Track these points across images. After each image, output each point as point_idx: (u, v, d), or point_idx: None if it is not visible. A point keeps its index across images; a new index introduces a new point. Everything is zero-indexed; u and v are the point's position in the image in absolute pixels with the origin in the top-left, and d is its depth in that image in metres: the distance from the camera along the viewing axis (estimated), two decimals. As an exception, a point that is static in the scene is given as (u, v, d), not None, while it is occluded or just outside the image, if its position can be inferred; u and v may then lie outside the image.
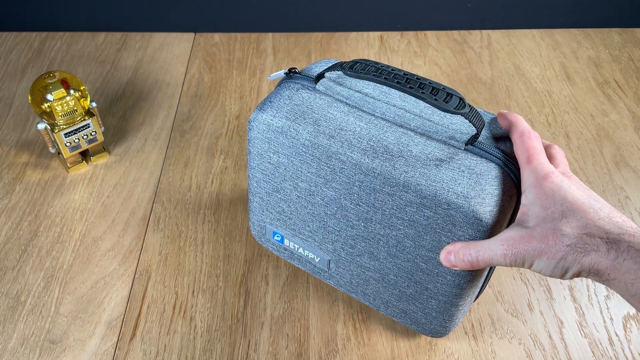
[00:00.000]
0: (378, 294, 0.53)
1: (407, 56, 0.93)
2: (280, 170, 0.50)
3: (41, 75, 0.68)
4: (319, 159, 0.47)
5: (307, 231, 0.53)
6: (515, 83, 0.88)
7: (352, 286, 0.55)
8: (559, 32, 0.99)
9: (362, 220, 0.48)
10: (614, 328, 0.58)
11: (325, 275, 0.56)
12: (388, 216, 0.46)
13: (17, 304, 0.59)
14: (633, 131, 0.80)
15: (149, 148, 0.76)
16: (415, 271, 0.48)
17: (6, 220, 0.67)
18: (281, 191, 0.52)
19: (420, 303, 0.50)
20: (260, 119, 0.48)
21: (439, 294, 0.48)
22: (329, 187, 0.48)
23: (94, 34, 0.96)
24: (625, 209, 0.70)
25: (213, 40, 0.95)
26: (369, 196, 0.46)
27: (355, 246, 0.50)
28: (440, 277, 0.47)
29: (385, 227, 0.47)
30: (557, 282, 0.62)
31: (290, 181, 0.50)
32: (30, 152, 0.75)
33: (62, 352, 0.55)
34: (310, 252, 0.55)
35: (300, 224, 0.53)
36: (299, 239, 0.54)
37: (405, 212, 0.45)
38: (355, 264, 0.52)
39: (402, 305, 0.52)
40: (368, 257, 0.50)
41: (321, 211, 0.50)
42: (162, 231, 0.66)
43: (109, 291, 0.60)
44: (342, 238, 0.51)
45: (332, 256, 0.53)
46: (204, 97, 0.85)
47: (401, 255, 0.48)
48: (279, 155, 0.49)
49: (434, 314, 0.51)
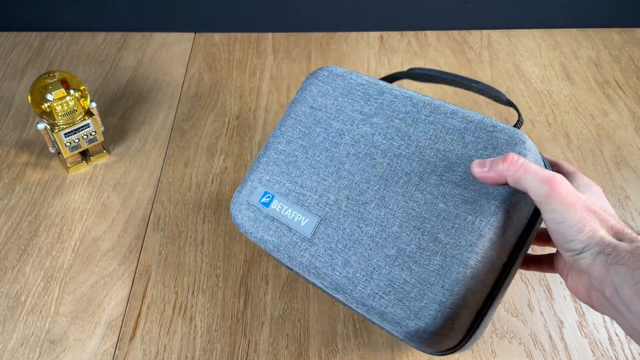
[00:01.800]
0: (365, 260, 0.44)
1: (407, 56, 0.93)
2: (317, 113, 0.53)
3: (41, 75, 0.68)
4: (370, 94, 0.51)
5: (312, 180, 0.50)
6: (515, 83, 0.88)
7: (332, 255, 0.46)
8: (559, 32, 0.99)
9: (388, 157, 0.47)
10: (614, 328, 0.58)
11: (301, 247, 0.47)
12: (422, 148, 0.46)
13: (17, 304, 0.59)
14: (633, 131, 0.80)
15: (149, 148, 0.76)
16: (429, 216, 0.43)
17: (6, 220, 0.67)
18: (306, 136, 0.52)
19: (419, 264, 0.42)
20: (331, 69, 0.54)
21: (448, 245, 0.42)
22: (366, 123, 0.50)
23: (94, 34, 0.96)
24: (625, 209, 0.70)
25: (213, 40, 0.95)
26: (408, 127, 0.47)
27: (365, 192, 0.47)
28: (459, 220, 0.42)
29: (414, 162, 0.46)
30: (557, 282, 0.62)
31: (324, 123, 0.52)
32: (30, 152, 0.75)
33: (62, 352, 0.55)
34: (299, 214, 0.49)
35: (307, 172, 0.50)
36: (294, 196, 0.50)
37: (444, 141, 0.45)
38: (354, 216, 0.47)
39: (394, 272, 0.43)
40: (375, 205, 0.46)
41: (343, 152, 0.49)
42: (162, 231, 0.66)
43: (109, 291, 0.60)
44: (354, 183, 0.48)
45: (328, 211, 0.48)
46: (204, 97, 0.85)
47: (419, 195, 0.44)
48: (326, 97, 0.53)
49: (432, 279, 0.41)
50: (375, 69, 0.90)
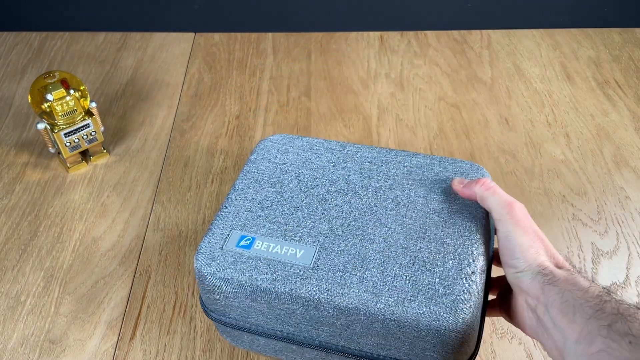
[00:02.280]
0: (381, 273, 0.44)
1: (407, 56, 0.93)
2: (282, 166, 0.53)
3: (41, 75, 0.68)
4: (332, 148, 0.54)
5: (297, 217, 0.48)
6: (515, 83, 0.88)
7: (344, 276, 0.44)
8: (559, 32, 0.99)
9: (371, 190, 0.50)
10: (614, 328, 0.58)
11: (303, 276, 0.44)
12: (399, 180, 0.51)
13: (17, 304, 0.59)
14: (633, 131, 0.80)
15: (149, 148, 0.76)
16: (429, 227, 0.47)
17: (6, 220, 0.67)
18: (277, 184, 0.51)
19: (437, 265, 0.44)
20: (284, 135, 0.56)
21: (457, 246, 0.45)
22: (338, 168, 0.53)
23: (94, 34, 0.96)
24: (625, 209, 0.70)
25: (213, 40, 0.95)
26: (380, 167, 0.52)
27: (358, 218, 0.48)
28: (457, 225, 0.47)
29: (396, 190, 0.50)
30: (557, 282, 0.62)
31: (292, 172, 0.52)
32: (30, 152, 0.75)
33: (62, 352, 0.55)
34: (291, 247, 0.46)
35: (289, 212, 0.49)
36: (279, 234, 0.48)
37: (416, 173, 0.51)
38: (356, 238, 0.46)
39: (415, 276, 0.43)
40: (373, 227, 0.47)
41: (323, 191, 0.51)
42: (162, 231, 0.66)
43: (109, 291, 0.60)
44: (344, 212, 0.48)
45: (325, 240, 0.46)
46: (204, 97, 0.85)
47: (412, 213, 0.48)
48: (287, 154, 0.54)
49: (454, 275, 0.43)
50: (375, 69, 0.90)
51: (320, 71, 0.89)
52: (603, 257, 0.65)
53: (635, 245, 0.66)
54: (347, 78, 0.88)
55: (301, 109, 0.83)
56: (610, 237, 0.67)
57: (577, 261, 0.64)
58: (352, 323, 0.43)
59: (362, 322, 0.43)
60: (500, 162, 0.75)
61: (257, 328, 0.47)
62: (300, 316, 0.44)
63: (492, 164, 0.75)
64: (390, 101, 0.84)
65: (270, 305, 0.45)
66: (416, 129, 0.79)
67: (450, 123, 0.81)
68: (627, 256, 0.65)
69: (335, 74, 0.89)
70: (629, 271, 0.63)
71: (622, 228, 0.68)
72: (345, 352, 0.46)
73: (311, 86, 0.86)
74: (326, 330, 0.45)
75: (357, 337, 0.44)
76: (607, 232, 0.67)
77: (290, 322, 0.45)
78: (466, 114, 0.82)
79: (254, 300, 0.45)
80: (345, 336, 0.45)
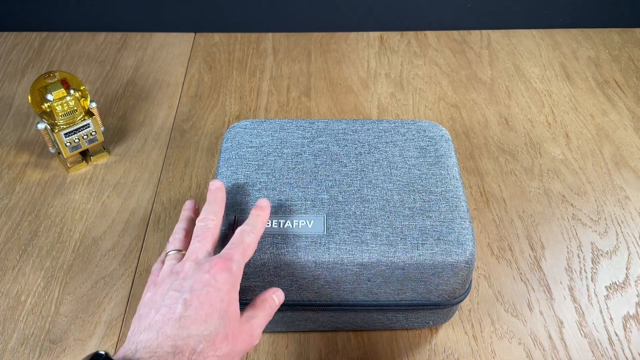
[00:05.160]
0: (390, 226, 0.49)
1: (407, 56, 0.93)
2: (262, 148, 0.56)
3: (41, 75, 0.68)
4: (302, 125, 0.58)
5: (295, 193, 0.51)
6: (515, 83, 0.88)
7: (358, 235, 0.49)
8: (559, 32, 0.99)
9: (353, 157, 0.55)
10: (613, 328, 0.58)
11: (322, 243, 0.48)
12: (374, 145, 0.56)
13: (17, 303, 0.59)
14: (633, 131, 0.80)
15: (149, 148, 0.76)
16: (414, 181, 0.53)
17: (6, 220, 0.67)
18: (263, 166, 0.54)
19: (433, 211, 0.50)
20: (240, 123, 0.59)
21: (444, 192, 0.52)
22: (316, 142, 0.56)
23: (94, 34, 0.96)
24: (625, 209, 0.70)
25: (213, 40, 0.95)
26: (353, 135, 0.57)
27: (352, 183, 0.53)
28: (437, 175, 0.54)
29: (375, 154, 0.55)
30: (557, 282, 0.62)
31: (274, 153, 0.55)
32: (30, 152, 0.75)
33: (62, 352, 0.55)
34: (301, 220, 0.50)
35: (286, 188, 0.52)
36: (285, 210, 0.51)
37: (386, 136, 0.57)
38: (357, 201, 0.51)
39: (419, 224, 0.49)
40: (367, 189, 0.52)
41: (310, 165, 0.54)
42: (162, 231, 0.66)
43: (109, 291, 0.60)
44: (337, 181, 0.53)
45: (329, 208, 0.50)
46: (204, 97, 0.85)
47: (396, 171, 0.54)
48: (261, 137, 0.57)
49: (450, 216, 0.50)
50: (375, 69, 0.90)
51: (320, 71, 0.89)
52: (603, 257, 0.65)
53: (635, 245, 0.66)
54: (347, 78, 0.88)
55: (301, 109, 0.83)
56: (610, 237, 0.67)
57: (577, 261, 0.64)
58: (373, 276, 0.49)
59: (384, 272, 0.48)
60: (500, 162, 0.75)
61: None
62: (324, 280, 0.49)
63: (492, 164, 0.75)
64: (390, 101, 0.84)
65: (294, 277, 0.49)
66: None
67: (450, 123, 0.81)
68: (626, 256, 0.65)
69: (335, 74, 0.89)
70: (628, 271, 0.63)
71: (621, 228, 0.68)
72: (363, 305, 0.51)
73: (311, 86, 0.87)
74: (347, 288, 0.50)
75: (377, 288, 0.50)
76: (606, 232, 0.67)
77: (312, 288, 0.50)
78: (466, 114, 0.82)
79: (277, 275, 0.49)
80: (364, 290, 0.50)
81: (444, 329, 0.58)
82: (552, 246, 0.66)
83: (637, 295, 0.61)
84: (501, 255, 0.65)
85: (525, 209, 0.70)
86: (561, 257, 0.65)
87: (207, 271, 0.42)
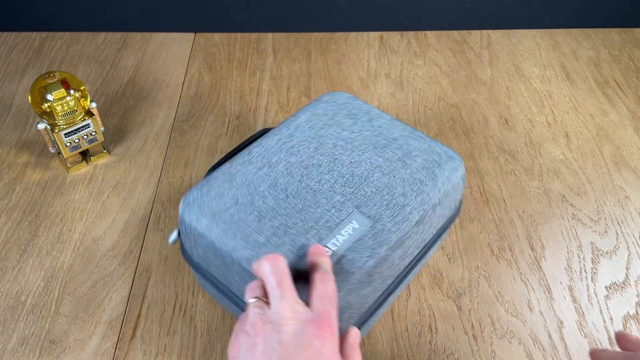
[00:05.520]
0: (403, 182, 0.53)
1: (407, 56, 0.93)
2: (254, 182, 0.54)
3: (41, 75, 0.68)
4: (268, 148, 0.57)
5: (317, 211, 0.51)
6: (515, 83, 0.88)
7: (392, 206, 0.52)
8: (559, 32, 0.99)
9: (331, 157, 0.56)
10: (613, 328, 0.58)
11: (379, 229, 0.51)
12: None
13: (17, 304, 0.59)
14: (633, 131, 0.80)
15: (149, 148, 0.76)
16: (395, 151, 0.56)
17: (6, 220, 0.67)
18: (257, 208, 0.51)
19: (421, 157, 0.55)
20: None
21: (420, 148, 0.56)
22: (291, 161, 0.55)
23: (94, 34, 0.96)
24: (625, 209, 0.70)
25: (213, 40, 0.95)
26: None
27: (345, 174, 0.54)
28: (401, 144, 0.57)
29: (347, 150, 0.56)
30: (557, 282, 0.62)
31: (269, 178, 0.54)
32: (30, 152, 0.75)
33: (62, 352, 0.55)
34: (345, 227, 0.51)
35: (305, 215, 0.51)
36: (328, 228, 0.51)
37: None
38: (362, 184, 0.53)
39: (420, 171, 0.54)
40: (360, 170, 0.54)
41: (308, 183, 0.53)
42: (162, 231, 0.66)
43: (109, 291, 0.60)
44: (334, 179, 0.53)
45: (350, 203, 0.51)
46: (204, 97, 0.85)
47: (371, 154, 0.56)
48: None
49: (435, 156, 0.55)
50: (375, 69, 0.90)
51: (320, 71, 0.89)
52: (603, 257, 0.65)
53: (635, 245, 0.66)
54: (347, 78, 0.88)
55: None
56: (610, 237, 0.67)
57: (577, 261, 0.64)
58: (425, 225, 0.53)
59: (430, 216, 0.53)
60: (500, 161, 0.75)
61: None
62: (397, 257, 0.51)
63: (492, 163, 0.75)
64: (390, 101, 0.84)
65: (381, 274, 0.50)
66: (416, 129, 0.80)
67: (450, 123, 0.81)
68: (626, 256, 0.65)
69: (335, 74, 0.89)
70: (628, 271, 0.63)
71: (621, 228, 0.68)
72: (417, 258, 0.55)
73: (311, 86, 0.87)
74: (411, 246, 0.53)
75: (427, 236, 0.54)
76: (606, 232, 0.67)
77: (391, 273, 0.52)
78: (466, 114, 0.82)
79: (369, 282, 0.49)
80: (419, 242, 0.53)
81: (444, 329, 0.58)
82: (552, 246, 0.66)
83: (637, 295, 0.61)
84: (501, 255, 0.65)
85: (525, 209, 0.70)
86: (561, 257, 0.65)
87: (314, 338, 0.38)
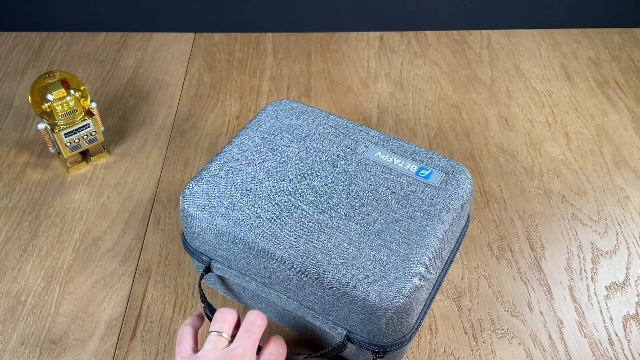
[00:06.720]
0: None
1: (407, 56, 0.93)
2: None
3: (41, 75, 0.68)
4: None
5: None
6: (515, 83, 0.88)
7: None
8: (559, 32, 0.99)
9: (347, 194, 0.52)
10: (613, 328, 0.58)
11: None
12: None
13: (17, 304, 0.59)
14: (633, 131, 0.80)
15: (149, 148, 0.76)
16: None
17: (6, 220, 0.67)
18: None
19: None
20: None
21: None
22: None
23: (94, 34, 0.96)
24: (625, 209, 0.70)
25: (213, 40, 0.95)
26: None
27: (332, 192, 0.52)
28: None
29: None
30: (557, 281, 0.62)
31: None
32: (30, 152, 0.75)
33: (62, 352, 0.55)
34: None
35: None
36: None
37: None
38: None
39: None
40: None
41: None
42: (162, 231, 0.66)
43: (109, 291, 0.60)
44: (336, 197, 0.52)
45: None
46: (204, 97, 0.85)
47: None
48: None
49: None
50: (375, 69, 0.90)
51: (320, 71, 0.89)
52: (603, 257, 0.65)
53: (635, 245, 0.66)
54: (347, 78, 0.88)
55: (301, 109, 0.82)
56: (610, 237, 0.67)
57: (577, 261, 0.64)
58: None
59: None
60: (500, 161, 0.75)
61: None
62: None
63: (492, 163, 0.75)
64: (390, 101, 0.84)
65: None
66: (416, 129, 0.80)
67: (450, 123, 0.81)
68: (626, 256, 0.65)
69: (335, 74, 0.89)
70: (628, 271, 0.63)
71: (621, 228, 0.68)
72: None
73: (311, 86, 0.87)
74: None
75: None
76: (606, 232, 0.67)
77: None
78: (466, 114, 0.82)
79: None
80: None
81: (444, 329, 0.58)
82: (552, 246, 0.66)
83: (637, 295, 0.61)
84: (501, 255, 0.65)
85: (525, 209, 0.70)
86: (561, 257, 0.65)
87: None
